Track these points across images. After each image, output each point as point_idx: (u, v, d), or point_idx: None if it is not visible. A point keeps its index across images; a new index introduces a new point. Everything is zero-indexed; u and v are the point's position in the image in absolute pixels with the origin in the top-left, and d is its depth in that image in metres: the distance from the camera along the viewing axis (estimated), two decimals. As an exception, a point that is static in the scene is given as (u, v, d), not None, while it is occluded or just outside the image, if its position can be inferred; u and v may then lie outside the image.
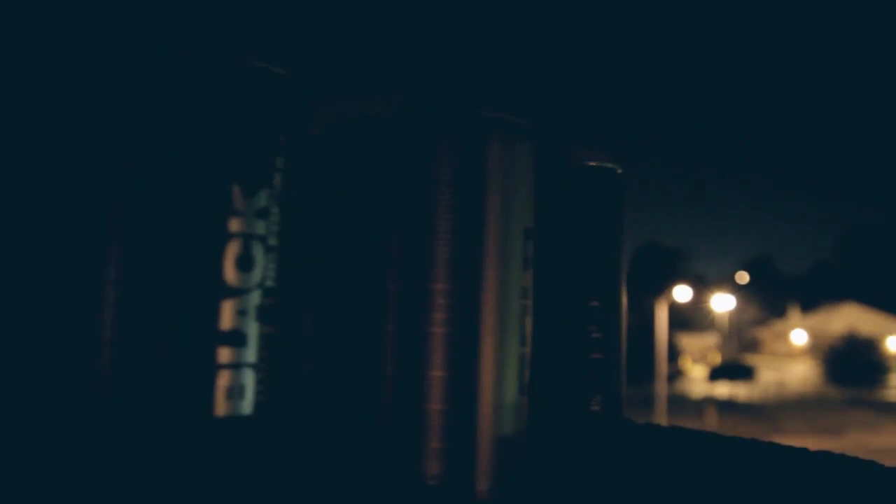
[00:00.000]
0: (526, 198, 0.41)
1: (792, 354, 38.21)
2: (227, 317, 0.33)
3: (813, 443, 16.56)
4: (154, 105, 0.33)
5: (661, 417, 16.77)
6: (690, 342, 36.91)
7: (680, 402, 22.09)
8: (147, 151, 0.33)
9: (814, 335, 36.53)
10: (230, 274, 0.33)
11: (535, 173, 0.47)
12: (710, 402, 22.30)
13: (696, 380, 31.13)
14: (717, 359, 35.15)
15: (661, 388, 17.83)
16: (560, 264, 0.48)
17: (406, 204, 0.39)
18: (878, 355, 27.52)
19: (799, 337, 38.58)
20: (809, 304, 40.23)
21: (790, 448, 0.50)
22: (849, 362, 27.03)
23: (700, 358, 36.42)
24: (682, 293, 21.84)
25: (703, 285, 35.65)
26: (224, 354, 0.33)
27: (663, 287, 21.61)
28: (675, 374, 29.62)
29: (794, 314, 40.10)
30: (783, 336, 39.80)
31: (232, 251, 0.33)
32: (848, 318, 33.56)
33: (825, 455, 0.47)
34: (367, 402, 0.39)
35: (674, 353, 29.26)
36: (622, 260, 0.51)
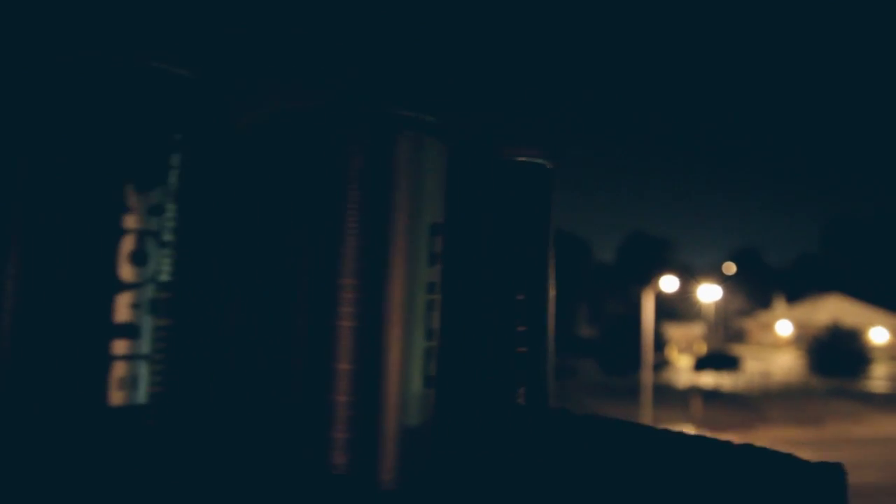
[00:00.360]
0: (435, 194, 0.42)
1: (777, 345, 38.50)
2: (121, 310, 0.34)
3: (795, 433, 16.70)
4: (49, 104, 0.34)
5: (647, 407, 16.87)
6: (677, 332, 37.11)
7: (665, 392, 22.22)
8: (43, 150, 0.34)
9: (799, 326, 36.81)
10: (124, 269, 0.34)
11: (462, 169, 0.48)
12: (695, 391, 22.45)
13: (682, 369, 31.32)
14: (703, 349, 35.37)
15: (647, 377, 17.93)
16: (485, 258, 0.48)
17: (316, 199, 0.39)
18: (861, 346, 27.77)
19: (784, 328, 38.86)
20: (795, 295, 40.51)
21: (714, 441, 0.51)
22: (833, 353, 27.24)
23: (686, 348, 36.64)
24: (669, 283, 21.94)
25: (689, 275, 35.81)
26: (118, 346, 0.34)
27: (650, 277, 21.69)
28: (662, 363, 29.77)
29: (780, 305, 40.38)
30: (769, 327, 40.08)
31: (125, 247, 0.35)
32: (832, 310, 33.82)
33: (746, 448, 0.48)
34: (275, 393, 0.40)
35: (660, 343, 29.41)
36: (550, 254, 0.51)
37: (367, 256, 0.39)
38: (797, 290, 41.09)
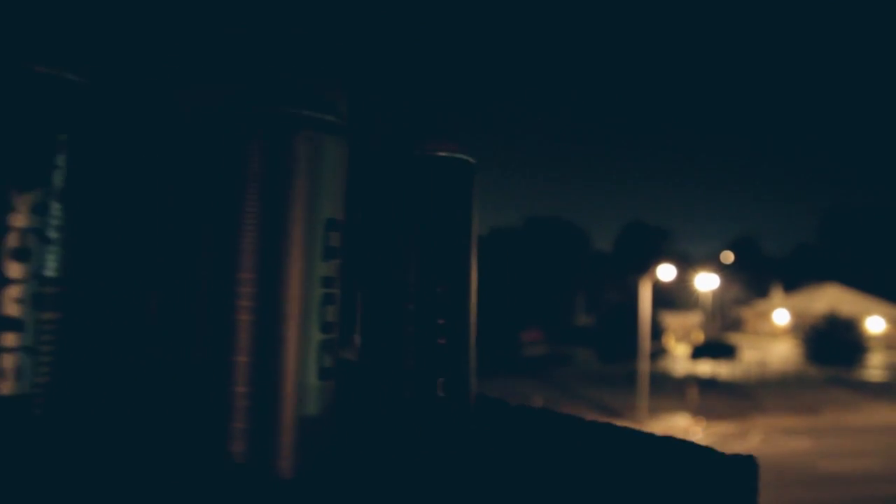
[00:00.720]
0: (333, 191, 0.43)
1: (774, 334, 38.58)
2: (7, 304, 0.36)
3: (791, 421, 16.76)
4: None
5: (643, 395, 16.91)
6: (674, 320, 37.18)
7: (662, 380, 22.28)
8: None
9: (796, 315, 36.88)
10: (8, 265, 0.36)
11: (381, 165, 0.48)
12: (691, 380, 22.51)
13: (679, 358, 31.39)
14: (700, 337, 35.45)
15: (644, 365, 17.96)
16: (405, 252, 0.48)
17: (217, 196, 0.40)
18: (857, 336, 27.83)
19: (781, 317, 38.94)
20: (792, 284, 40.57)
21: (637, 432, 0.51)
22: (829, 342, 27.30)
23: (683, 336, 36.72)
24: (666, 272, 21.96)
25: (687, 264, 35.86)
26: (5, 339, 0.36)
27: (648, 266, 21.71)
28: (659, 351, 29.84)
29: (777, 294, 40.44)
30: (766, 316, 40.16)
31: (9, 244, 0.36)
32: (829, 299, 33.88)
33: (665, 440, 0.48)
34: (175, 384, 0.41)
35: (657, 332, 29.47)
36: (472, 247, 0.51)
37: (264, 251, 0.40)
38: (794, 279, 41.16)
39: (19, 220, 0.36)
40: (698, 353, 30.46)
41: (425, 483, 0.44)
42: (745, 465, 0.44)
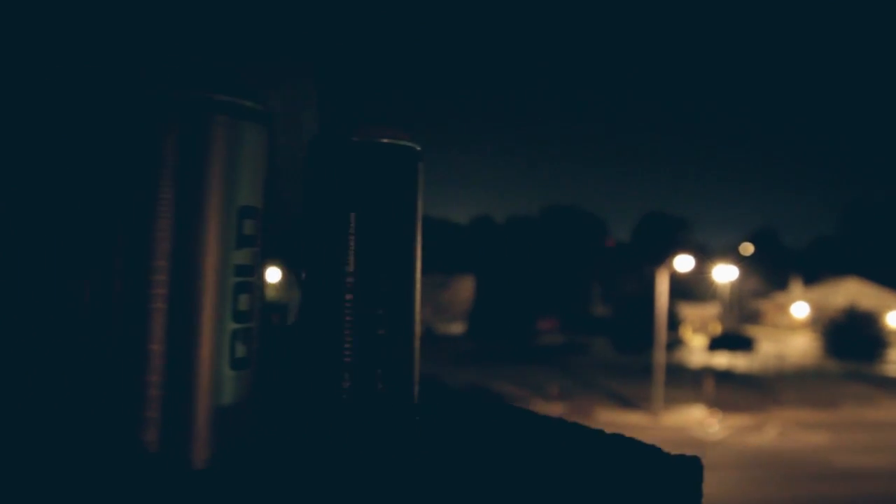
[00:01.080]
0: (251, 178, 0.42)
1: (792, 327, 38.33)
2: None
3: (809, 415, 16.63)
4: None
5: (658, 386, 16.84)
6: (691, 312, 37.01)
7: (678, 372, 22.18)
8: None
9: (815, 308, 36.60)
10: None
11: (321, 151, 0.47)
12: (708, 372, 22.40)
13: (696, 349, 31.27)
14: (717, 329, 35.28)
15: (660, 356, 17.88)
16: (342, 240, 0.46)
17: (131, 183, 0.40)
18: (877, 330, 27.58)
19: (800, 310, 38.65)
20: (812, 277, 40.23)
21: (583, 428, 0.48)
22: (849, 336, 27.07)
23: (700, 328, 36.55)
24: (684, 263, 21.81)
25: (706, 255, 35.64)
26: None
27: (665, 256, 21.58)
28: (675, 343, 29.73)
29: (796, 287, 40.13)
30: (784, 308, 39.89)
31: None
32: (849, 293, 33.58)
33: (613, 437, 0.45)
34: (90, 373, 0.40)
35: (674, 323, 29.36)
36: (416, 235, 0.49)
37: (178, 239, 0.39)
38: (814, 272, 40.80)
39: None
40: (715, 344, 30.34)
41: (341, 475, 0.43)
42: (689, 466, 0.43)
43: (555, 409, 17.16)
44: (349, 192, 0.47)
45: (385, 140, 0.47)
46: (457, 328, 37.07)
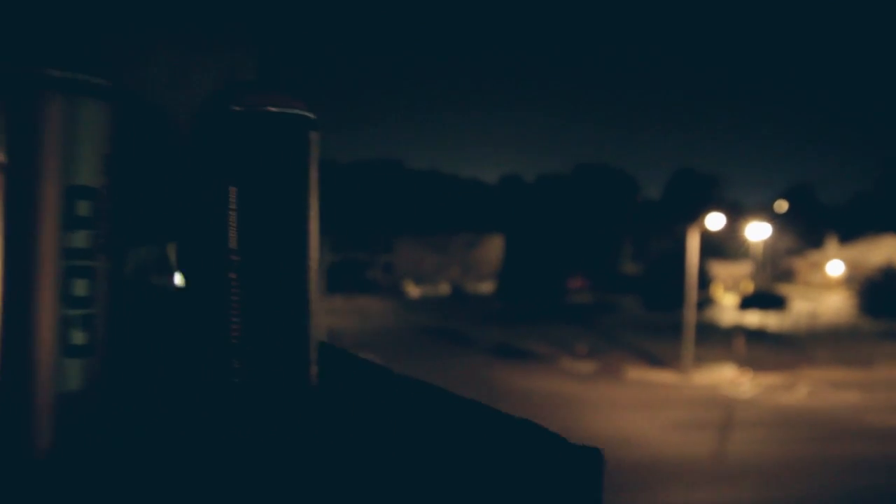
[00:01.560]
0: (88, 156, 0.40)
1: (827, 285, 37.80)
2: None
3: (842, 374, 16.43)
4: None
5: (689, 344, 16.73)
6: (723, 270, 36.63)
7: (708, 330, 22.01)
8: None
9: (851, 266, 36.01)
10: None
11: (205, 122, 0.44)
12: (739, 330, 22.21)
13: (727, 308, 31.00)
14: (749, 287, 34.91)
15: (690, 315, 17.73)
16: (222, 214, 0.43)
17: None
18: (914, 288, 27.06)
19: (835, 268, 38.07)
20: (848, 235, 39.52)
21: (488, 410, 0.43)
22: (885, 295, 26.63)
23: (732, 286, 36.21)
24: (716, 221, 21.50)
25: (738, 213, 35.12)
26: None
27: (697, 214, 21.29)
28: (706, 301, 29.48)
29: (832, 245, 39.49)
30: (819, 267, 39.32)
31: None
32: (887, 251, 32.96)
33: (516, 422, 0.40)
34: None
35: (705, 281, 29.07)
36: (309, 207, 0.44)
37: (10, 222, 0.37)
38: (851, 229, 40.08)
39: None
40: (747, 303, 30.04)
41: (191, 467, 0.41)
42: (588, 458, 0.40)
43: (585, 368, 17.16)
44: (228, 165, 0.43)
45: (273, 109, 0.43)
46: (486, 287, 37.14)
